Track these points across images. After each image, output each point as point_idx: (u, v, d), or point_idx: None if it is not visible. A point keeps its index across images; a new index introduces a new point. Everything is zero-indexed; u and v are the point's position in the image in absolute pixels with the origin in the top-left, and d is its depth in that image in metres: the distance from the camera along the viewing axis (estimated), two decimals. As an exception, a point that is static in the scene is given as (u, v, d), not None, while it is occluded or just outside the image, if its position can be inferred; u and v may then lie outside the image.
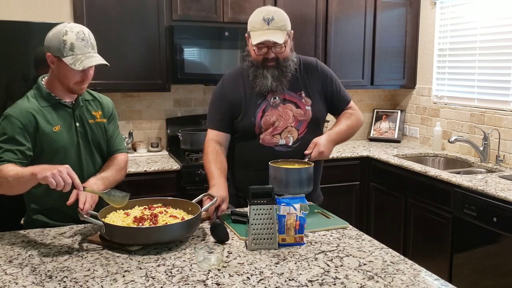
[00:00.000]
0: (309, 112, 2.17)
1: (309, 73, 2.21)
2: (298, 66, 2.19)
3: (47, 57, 1.86)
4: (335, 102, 2.26)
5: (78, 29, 1.83)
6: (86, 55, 1.82)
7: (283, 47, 2.07)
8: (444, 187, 3.05)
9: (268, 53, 2.07)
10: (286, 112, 2.15)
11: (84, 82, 1.89)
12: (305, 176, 1.96)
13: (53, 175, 1.59)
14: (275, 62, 2.09)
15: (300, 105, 2.16)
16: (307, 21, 3.84)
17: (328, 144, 2.10)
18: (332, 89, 2.23)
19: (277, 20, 2.03)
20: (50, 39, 1.84)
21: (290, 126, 2.15)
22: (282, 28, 2.04)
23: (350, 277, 1.46)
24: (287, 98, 2.16)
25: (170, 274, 1.47)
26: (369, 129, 4.53)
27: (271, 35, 2.02)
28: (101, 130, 2.04)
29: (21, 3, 3.30)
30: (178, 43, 3.40)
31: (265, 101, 2.15)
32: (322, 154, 2.07)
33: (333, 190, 3.72)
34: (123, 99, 3.72)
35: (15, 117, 1.82)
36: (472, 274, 2.85)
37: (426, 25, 4.15)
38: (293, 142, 2.15)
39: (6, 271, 1.50)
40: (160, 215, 1.80)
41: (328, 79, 2.23)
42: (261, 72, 2.10)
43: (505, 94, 3.42)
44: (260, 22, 2.03)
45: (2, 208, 2.46)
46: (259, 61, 2.10)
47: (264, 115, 2.14)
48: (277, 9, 2.10)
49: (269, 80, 2.09)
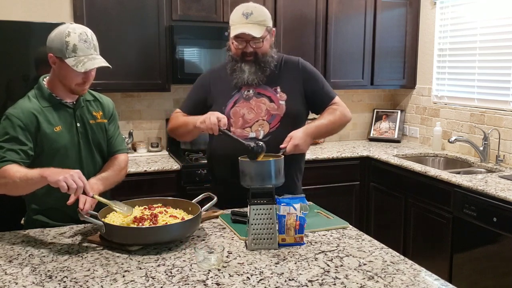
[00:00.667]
0: (282, 107, 2.15)
1: (289, 71, 2.21)
2: (279, 63, 2.20)
3: (49, 57, 1.86)
4: (317, 99, 2.23)
5: (81, 30, 1.83)
6: (88, 57, 1.82)
7: (261, 41, 2.09)
8: (444, 187, 3.05)
9: (246, 47, 2.09)
10: (258, 106, 2.14)
11: (85, 83, 1.89)
12: (272, 169, 1.89)
13: (65, 179, 1.61)
14: (254, 57, 2.11)
15: (274, 99, 2.15)
16: (307, 21, 3.84)
17: (305, 138, 2.05)
18: (314, 87, 2.22)
19: (255, 15, 2.06)
20: (52, 40, 1.84)
21: (262, 120, 2.13)
22: (260, 23, 2.07)
23: (350, 277, 1.46)
24: (261, 92, 2.16)
25: (170, 274, 1.48)
26: (369, 129, 4.53)
27: (249, 28, 2.04)
28: (101, 131, 2.04)
29: (21, 3, 3.30)
30: (178, 43, 3.40)
31: (239, 93, 2.17)
32: (297, 148, 2.02)
33: (333, 190, 3.73)
34: (123, 99, 3.72)
35: (17, 117, 1.82)
36: (472, 274, 2.85)
37: (426, 25, 4.15)
38: (263, 135, 2.12)
39: (6, 271, 1.50)
40: (160, 215, 1.80)
41: (309, 76, 2.22)
42: (239, 66, 2.13)
43: (505, 94, 3.42)
44: (239, 16, 2.07)
45: (2, 208, 2.47)
46: (238, 55, 2.12)
47: (234, 106, 2.15)
48: (258, 5, 2.12)
49: (246, 73, 2.12)
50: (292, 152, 2.02)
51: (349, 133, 4.54)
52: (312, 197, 2.29)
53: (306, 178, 3.61)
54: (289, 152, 2.01)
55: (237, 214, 1.95)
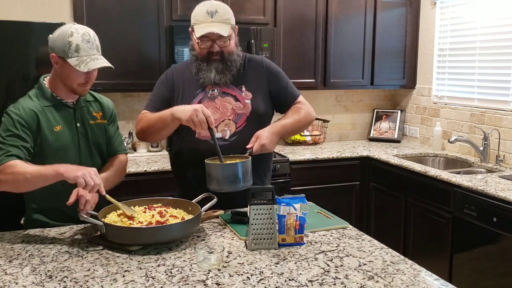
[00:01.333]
0: (248, 106, 2.10)
1: (253, 70, 2.17)
2: (243, 62, 2.15)
3: (51, 57, 1.86)
4: (282, 98, 2.19)
5: (84, 30, 1.84)
6: (91, 57, 1.83)
7: (227, 40, 2.04)
8: (444, 187, 3.05)
9: (212, 47, 2.04)
10: (224, 105, 2.09)
11: (87, 83, 1.90)
12: (239, 171, 1.86)
13: (84, 175, 1.64)
14: (220, 56, 2.06)
15: (239, 98, 2.10)
16: (307, 21, 3.84)
17: (271, 137, 2.00)
18: (278, 86, 2.18)
19: (220, 13, 2.01)
20: (54, 40, 1.84)
21: (228, 119, 2.08)
22: (226, 21, 2.02)
23: (350, 277, 1.46)
24: (226, 91, 2.11)
25: (170, 274, 1.48)
26: (369, 129, 4.53)
27: (215, 27, 1.99)
28: (101, 131, 2.04)
29: (21, 3, 3.30)
30: (178, 43, 3.39)
31: (203, 92, 2.11)
32: (264, 147, 1.97)
33: (333, 190, 3.73)
34: (123, 99, 3.72)
35: (18, 115, 1.83)
36: (472, 274, 2.85)
37: (426, 25, 4.15)
38: (230, 135, 2.08)
39: (6, 271, 1.50)
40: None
41: (274, 75, 2.18)
42: (205, 66, 2.07)
43: (505, 94, 3.42)
44: (203, 15, 2.01)
45: (2, 208, 2.46)
46: (204, 54, 2.06)
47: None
48: (221, 3, 2.08)
49: (212, 73, 2.06)
50: (259, 152, 1.98)
51: (349, 133, 4.54)
52: (312, 197, 2.29)
53: (306, 178, 3.65)
54: (256, 152, 1.97)
55: (237, 214, 1.95)
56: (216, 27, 2.00)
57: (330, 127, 4.37)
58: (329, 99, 4.41)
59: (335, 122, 4.44)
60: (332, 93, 4.40)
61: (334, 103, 4.45)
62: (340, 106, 4.48)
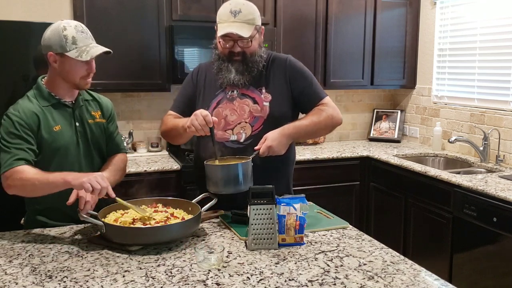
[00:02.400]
0: (266, 108, 2.04)
1: (276, 70, 2.10)
2: (267, 62, 2.10)
3: (49, 56, 1.86)
4: (304, 99, 2.10)
5: (75, 23, 1.87)
6: (89, 46, 1.85)
7: (249, 41, 1.99)
8: (444, 187, 3.05)
9: (234, 47, 2.00)
10: (242, 107, 2.05)
11: (89, 75, 1.91)
12: (240, 173, 1.80)
13: (90, 180, 1.66)
14: (241, 57, 2.02)
15: (258, 100, 2.05)
16: (307, 21, 3.84)
17: (280, 138, 1.92)
18: (301, 85, 2.09)
19: (244, 13, 1.96)
20: (49, 38, 1.85)
21: (244, 122, 2.03)
22: (249, 22, 1.97)
23: (350, 277, 1.46)
24: (245, 92, 2.06)
25: (170, 274, 1.47)
26: (369, 129, 4.53)
27: (237, 28, 1.94)
28: (100, 130, 2.04)
29: (21, 3, 3.30)
30: (178, 43, 3.40)
31: (223, 93, 2.09)
32: (271, 149, 1.89)
33: (333, 190, 3.73)
34: (123, 99, 3.72)
35: (19, 117, 1.83)
36: (472, 274, 2.85)
37: (426, 25, 4.15)
38: (245, 138, 2.02)
39: (6, 271, 1.50)
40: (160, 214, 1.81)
41: (297, 74, 2.10)
42: (226, 66, 2.03)
43: (505, 94, 3.42)
44: (227, 14, 1.97)
45: (2, 208, 2.46)
46: (225, 54, 2.03)
47: (217, 106, 2.07)
48: (247, 2, 2.02)
49: (232, 73, 2.02)
50: (266, 154, 1.90)
51: (349, 133, 4.55)
52: (312, 197, 2.29)
53: (306, 178, 3.65)
54: (263, 155, 1.89)
55: (237, 214, 1.95)
56: (237, 28, 1.95)
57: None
58: (329, 99, 4.40)
59: (335, 122, 4.43)
60: (332, 93, 4.39)
61: (334, 103, 4.43)
62: (340, 106, 4.47)
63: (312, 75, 2.15)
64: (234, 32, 1.95)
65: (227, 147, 2.03)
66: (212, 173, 1.87)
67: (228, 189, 1.85)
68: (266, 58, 2.10)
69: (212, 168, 1.87)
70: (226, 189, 1.86)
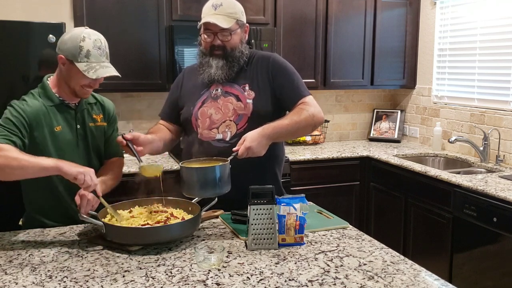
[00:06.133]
0: (249, 106, 2.01)
1: (259, 67, 2.08)
2: (250, 59, 2.10)
3: (59, 58, 1.86)
4: (285, 96, 2.06)
5: (96, 37, 1.85)
6: (100, 64, 1.84)
7: (229, 34, 2.00)
8: (444, 187, 3.05)
9: (214, 40, 2.01)
10: (226, 105, 2.03)
11: (91, 88, 1.91)
12: (217, 176, 1.73)
13: (85, 173, 1.66)
14: (222, 51, 2.02)
15: (241, 98, 2.03)
16: (307, 21, 3.84)
17: (260, 139, 1.84)
18: (282, 83, 2.05)
19: (225, 6, 2.00)
20: (65, 42, 1.84)
21: (229, 120, 2.02)
22: (230, 15, 1.99)
23: (350, 277, 1.46)
24: (229, 90, 2.05)
25: (170, 274, 1.47)
26: (369, 129, 4.53)
27: (216, 19, 1.96)
28: (101, 134, 2.05)
29: (21, 3, 3.30)
30: (178, 43, 3.40)
31: (207, 92, 2.09)
32: (250, 150, 1.82)
33: (333, 190, 3.73)
34: (123, 99, 3.72)
35: (23, 110, 1.82)
36: (472, 274, 2.85)
37: (426, 25, 4.15)
38: (230, 137, 2.00)
39: (6, 271, 1.50)
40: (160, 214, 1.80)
41: (279, 72, 2.07)
42: (207, 61, 2.04)
43: (505, 94, 3.42)
44: (208, 8, 2.02)
45: (2, 208, 2.46)
46: (207, 48, 2.05)
47: (202, 106, 2.07)
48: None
49: (213, 68, 2.02)
50: (245, 156, 1.83)
51: (349, 133, 4.55)
52: (312, 197, 2.29)
53: (306, 178, 3.65)
54: (242, 156, 1.82)
55: (237, 214, 1.95)
56: (217, 19, 1.97)
57: (330, 127, 4.37)
58: (329, 99, 4.41)
59: (335, 122, 4.44)
60: (332, 93, 4.41)
61: (334, 103, 4.45)
62: (340, 106, 4.48)
63: (296, 74, 2.11)
64: (211, 22, 1.96)
65: (213, 146, 2.01)
66: (187, 175, 1.77)
67: (204, 193, 1.78)
68: (249, 55, 2.10)
69: (188, 170, 1.77)
70: (202, 193, 1.79)
